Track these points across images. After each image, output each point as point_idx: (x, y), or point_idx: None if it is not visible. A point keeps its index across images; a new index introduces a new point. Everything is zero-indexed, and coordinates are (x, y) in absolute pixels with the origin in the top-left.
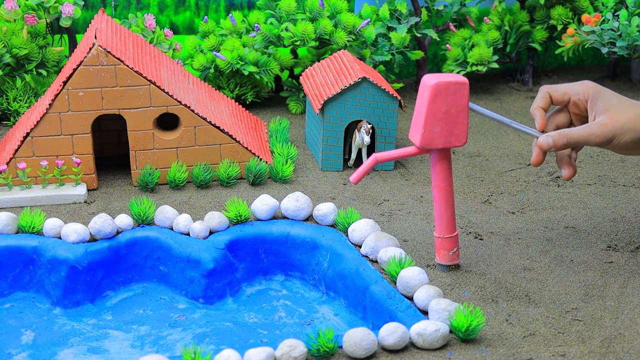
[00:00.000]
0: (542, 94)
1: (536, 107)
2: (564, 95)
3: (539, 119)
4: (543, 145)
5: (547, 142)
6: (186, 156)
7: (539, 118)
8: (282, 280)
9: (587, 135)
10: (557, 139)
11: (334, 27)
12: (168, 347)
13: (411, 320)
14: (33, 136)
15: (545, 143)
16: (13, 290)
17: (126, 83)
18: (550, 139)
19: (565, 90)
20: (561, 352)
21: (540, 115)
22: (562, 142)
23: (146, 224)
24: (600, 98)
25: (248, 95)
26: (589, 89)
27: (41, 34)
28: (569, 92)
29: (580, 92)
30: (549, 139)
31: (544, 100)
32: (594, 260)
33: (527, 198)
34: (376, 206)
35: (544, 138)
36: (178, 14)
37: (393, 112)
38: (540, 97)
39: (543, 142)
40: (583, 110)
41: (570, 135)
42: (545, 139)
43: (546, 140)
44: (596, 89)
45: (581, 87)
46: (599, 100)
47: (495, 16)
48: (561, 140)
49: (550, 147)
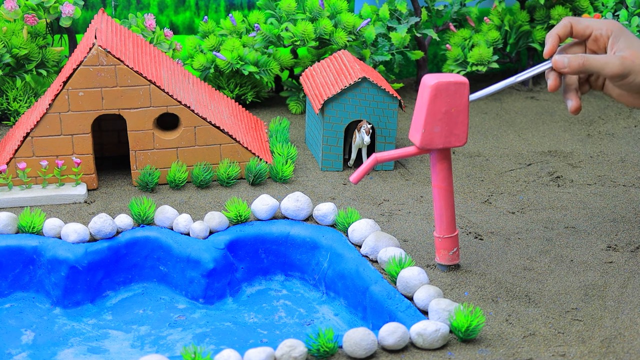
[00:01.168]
0: (563, 23)
1: (553, 33)
2: (586, 28)
3: (550, 45)
4: (558, 64)
5: (562, 62)
6: (186, 156)
7: (550, 44)
8: (282, 280)
9: (604, 63)
10: (573, 59)
11: (334, 27)
12: (168, 347)
13: (411, 320)
14: (33, 136)
15: (560, 61)
16: (13, 290)
17: (126, 83)
18: (566, 59)
19: (588, 23)
20: (561, 352)
21: (552, 42)
22: (577, 64)
23: (146, 224)
24: (624, 36)
25: (248, 95)
26: (612, 26)
27: (41, 34)
28: (592, 26)
29: (603, 28)
30: (564, 58)
31: (564, 29)
32: (594, 260)
33: (527, 198)
34: (376, 206)
35: (560, 57)
36: (178, 14)
37: (393, 112)
38: (561, 25)
39: (558, 60)
40: (602, 47)
41: (588, 58)
42: (560, 57)
43: (562, 59)
44: (620, 28)
45: (605, 24)
46: (622, 38)
47: (495, 16)
48: (577, 61)
49: (565, 66)
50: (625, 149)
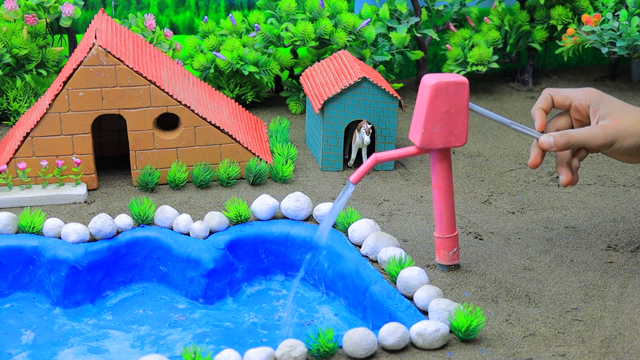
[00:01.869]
0: (544, 96)
1: (537, 107)
2: (565, 99)
3: (539, 120)
4: (544, 144)
5: (549, 141)
6: (186, 156)
7: (538, 119)
8: (282, 280)
9: (588, 136)
10: (558, 138)
11: (334, 27)
12: (168, 347)
13: (411, 320)
14: (33, 136)
15: (546, 142)
16: (13, 290)
17: (126, 83)
18: (552, 138)
19: (567, 94)
20: (561, 352)
21: (540, 116)
22: (562, 142)
23: (146, 224)
24: (603, 104)
25: (248, 95)
26: (591, 95)
27: (41, 34)
28: (571, 97)
29: (582, 98)
30: (550, 138)
31: (546, 102)
32: (594, 260)
33: (527, 198)
34: (376, 206)
35: (545, 137)
36: (178, 14)
37: (393, 112)
38: (542, 99)
39: (544, 141)
40: (585, 116)
41: (572, 135)
42: (546, 138)
43: (547, 139)
44: (599, 95)
45: (584, 93)
46: (601, 106)
47: (495, 16)
48: (562, 139)
49: (551, 146)
50: None
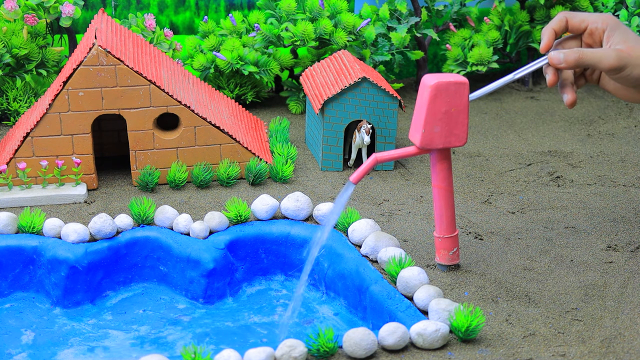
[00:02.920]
0: (558, 17)
1: (549, 27)
2: (581, 22)
3: (546, 39)
4: (554, 60)
5: (558, 57)
6: (186, 156)
7: (546, 38)
8: (282, 280)
9: (600, 56)
10: (568, 54)
11: (334, 27)
12: (168, 347)
13: (411, 320)
14: (33, 136)
15: (556, 58)
16: (13, 290)
17: (126, 83)
18: (562, 54)
19: (583, 17)
20: (561, 352)
21: (548, 36)
22: (573, 58)
23: (146, 224)
24: (619, 31)
25: (248, 95)
26: (608, 20)
27: (41, 34)
28: (587, 20)
29: (599, 21)
30: (560, 54)
31: (559, 24)
32: (594, 260)
33: (527, 198)
34: (376, 206)
35: (556, 52)
36: (178, 14)
37: (393, 112)
38: (557, 20)
39: (554, 55)
40: (597, 41)
41: (584, 52)
42: (556, 53)
43: (557, 55)
44: (616, 21)
45: (600, 17)
46: (617, 32)
47: (495, 16)
48: (573, 56)
49: (561, 62)
50: (625, 149)
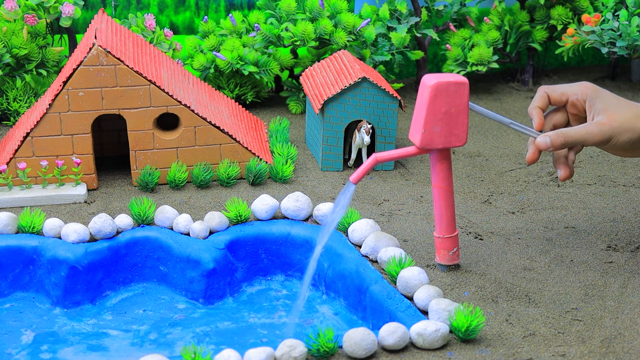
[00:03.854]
0: (540, 94)
1: (534, 107)
2: (561, 95)
3: (537, 119)
4: (541, 145)
5: (545, 142)
6: (186, 156)
7: (536, 118)
8: (282, 280)
9: (584, 134)
10: (554, 139)
11: (334, 27)
12: (168, 346)
13: (411, 320)
14: (33, 136)
15: (542, 143)
16: (13, 290)
17: (126, 83)
18: (548, 139)
19: (563, 90)
20: (561, 352)
21: (537, 115)
22: (559, 142)
23: (146, 224)
24: (599, 98)
25: (248, 95)
26: (587, 90)
27: (41, 34)
28: (567, 93)
29: (578, 93)
30: (546, 138)
31: (542, 100)
32: (594, 260)
33: (527, 198)
34: (376, 206)
35: (542, 138)
36: (178, 14)
37: (393, 112)
38: (538, 97)
39: (541, 142)
40: (581, 110)
41: (568, 134)
42: (543, 138)
43: (544, 140)
44: (594, 89)
45: (579, 88)
46: (597, 101)
47: (495, 16)
48: (559, 139)
49: (548, 146)
50: None
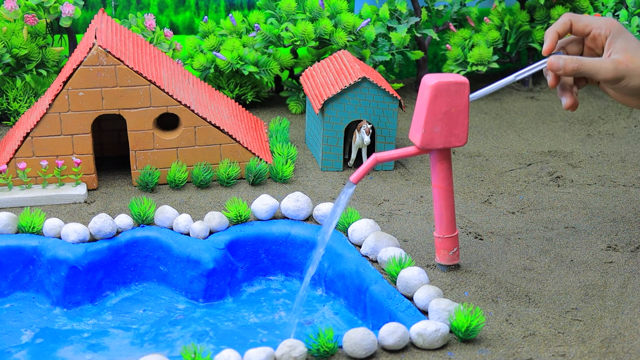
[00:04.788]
0: (563, 20)
1: (552, 30)
2: (585, 26)
3: (549, 42)
4: (553, 65)
5: (557, 63)
6: (186, 156)
7: (549, 41)
8: (282, 280)
9: (599, 67)
10: (568, 62)
11: (334, 27)
12: (168, 345)
13: (411, 320)
14: (33, 136)
15: (555, 63)
16: (13, 290)
17: (126, 83)
18: (562, 61)
19: (588, 22)
20: (561, 352)
21: (552, 39)
22: (572, 67)
23: (146, 224)
24: (621, 38)
25: (248, 95)
26: (612, 26)
27: (41, 34)
28: (592, 25)
29: (602, 27)
30: (560, 60)
31: (564, 27)
32: (594, 260)
33: (527, 198)
34: (376, 206)
35: (555, 58)
36: (178, 14)
37: (393, 112)
38: (561, 23)
39: (553, 61)
40: (599, 46)
41: (582, 62)
42: (556, 59)
43: (557, 60)
44: (619, 28)
45: (605, 23)
46: (619, 39)
47: (495, 16)
48: (572, 64)
49: (559, 68)
50: (625, 149)
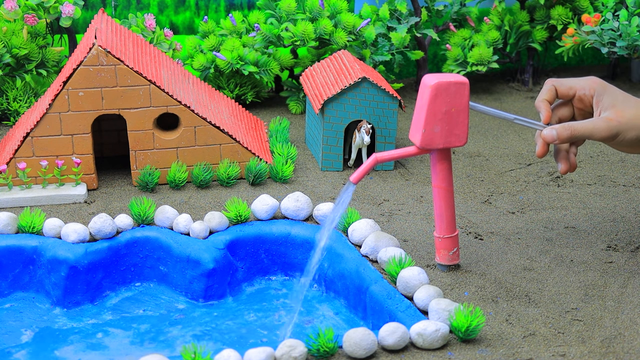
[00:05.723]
0: (547, 87)
1: (541, 99)
2: (569, 89)
3: (545, 112)
4: (547, 138)
5: (552, 135)
6: (186, 156)
7: (544, 110)
8: (282, 280)
9: (592, 129)
10: (561, 132)
11: (334, 27)
12: (168, 345)
13: (411, 320)
14: (33, 136)
15: (549, 135)
16: (13, 290)
17: (126, 83)
18: (555, 132)
19: (571, 84)
20: (561, 352)
21: (545, 108)
22: (566, 135)
23: (146, 224)
24: (607, 94)
25: (248, 95)
26: (595, 85)
27: (41, 34)
28: (575, 87)
29: (586, 87)
30: (553, 131)
31: (550, 94)
32: (594, 260)
33: (527, 198)
34: (376, 206)
35: (548, 131)
36: (178, 14)
37: (393, 112)
38: (546, 90)
39: (547, 134)
40: (588, 105)
41: (575, 128)
42: (549, 131)
43: (550, 132)
44: (602, 84)
45: (587, 82)
46: (605, 96)
47: (495, 16)
48: (565, 132)
49: (554, 139)
50: None
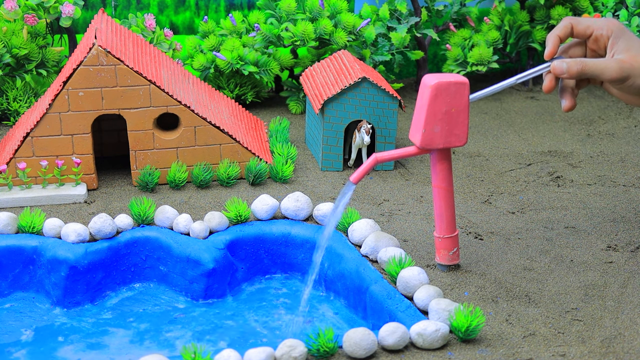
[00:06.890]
0: (564, 24)
1: (554, 34)
2: (586, 28)
3: (551, 46)
4: (556, 70)
5: (561, 67)
6: (186, 156)
7: (551, 45)
8: (282, 280)
9: (603, 68)
10: (571, 65)
11: (334, 27)
12: (168, 346)
13: (411, 320)
14: (33, 136)
15: (559, 67)
16: (13, 290)
17: (126, 83)
18: (565, 65)
19: (588, 23)
20: (561, 352)
21: (553, 43)
22: (576, 69)
23: (146, 224)
24: (624, 37)
25: (248, 95)
26: (613, 26)
27: (41, 34)
28: (593, 26)
29: (604, 27)
30: (563, 64)
31: (565, 30)
32: (594, 260)
33: (527, 198)
34: (376, 206)
35: (559, 62)
36: (178, 14)
37: (393, 112)
38: (562, 26)
39: (557, 66)
40: (602, 47)
41: (586, 63)
42: (559, 63)
43: (560, 65)
44: (621, 27)
45: (605, 23)
46: (621, 39)
47: (495, 16)
48: (576, 67)
49: (564, 72)
50: (625, 149)
